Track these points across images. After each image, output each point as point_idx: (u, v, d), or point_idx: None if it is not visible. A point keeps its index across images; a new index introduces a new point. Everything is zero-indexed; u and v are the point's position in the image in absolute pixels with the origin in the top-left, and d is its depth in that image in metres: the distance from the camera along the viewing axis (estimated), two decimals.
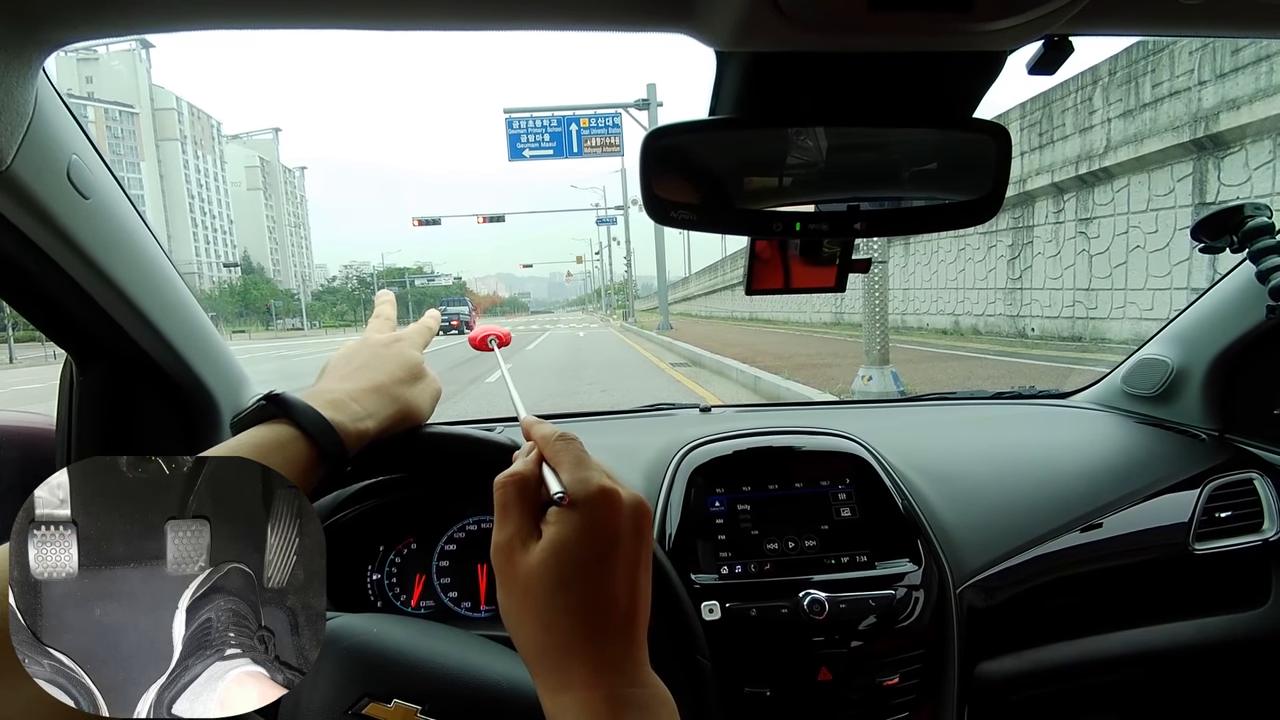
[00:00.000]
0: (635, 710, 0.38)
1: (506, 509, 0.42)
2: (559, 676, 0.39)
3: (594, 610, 0.39)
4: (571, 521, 0.40)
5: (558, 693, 0.39)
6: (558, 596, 0.39)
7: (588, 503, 0.40)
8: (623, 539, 0.41)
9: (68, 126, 0.59)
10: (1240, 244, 0.95)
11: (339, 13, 0.45)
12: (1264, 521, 0.99)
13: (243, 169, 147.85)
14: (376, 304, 0.71)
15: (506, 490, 0.42)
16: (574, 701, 0.38)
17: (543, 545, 0.40)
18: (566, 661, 0.39)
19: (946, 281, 14.20)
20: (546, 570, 0.39)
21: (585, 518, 0.40)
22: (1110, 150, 9.56)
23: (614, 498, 0.41)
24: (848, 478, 0.90)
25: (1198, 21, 0.52)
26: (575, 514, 0.40)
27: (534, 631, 0.40)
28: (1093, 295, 10.17)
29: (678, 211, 0.53)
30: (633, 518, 0.42)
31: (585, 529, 0.40)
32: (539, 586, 0.39)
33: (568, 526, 0.40)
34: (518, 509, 0.42)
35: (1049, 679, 0.92)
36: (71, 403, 0.81)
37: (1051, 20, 0.42)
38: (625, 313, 35.49)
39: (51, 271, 0.63)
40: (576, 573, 0.39)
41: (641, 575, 0.42)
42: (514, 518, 0.41)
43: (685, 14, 0.44)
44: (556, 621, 0.39)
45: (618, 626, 0.40)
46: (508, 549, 0.41)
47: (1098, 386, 1.31)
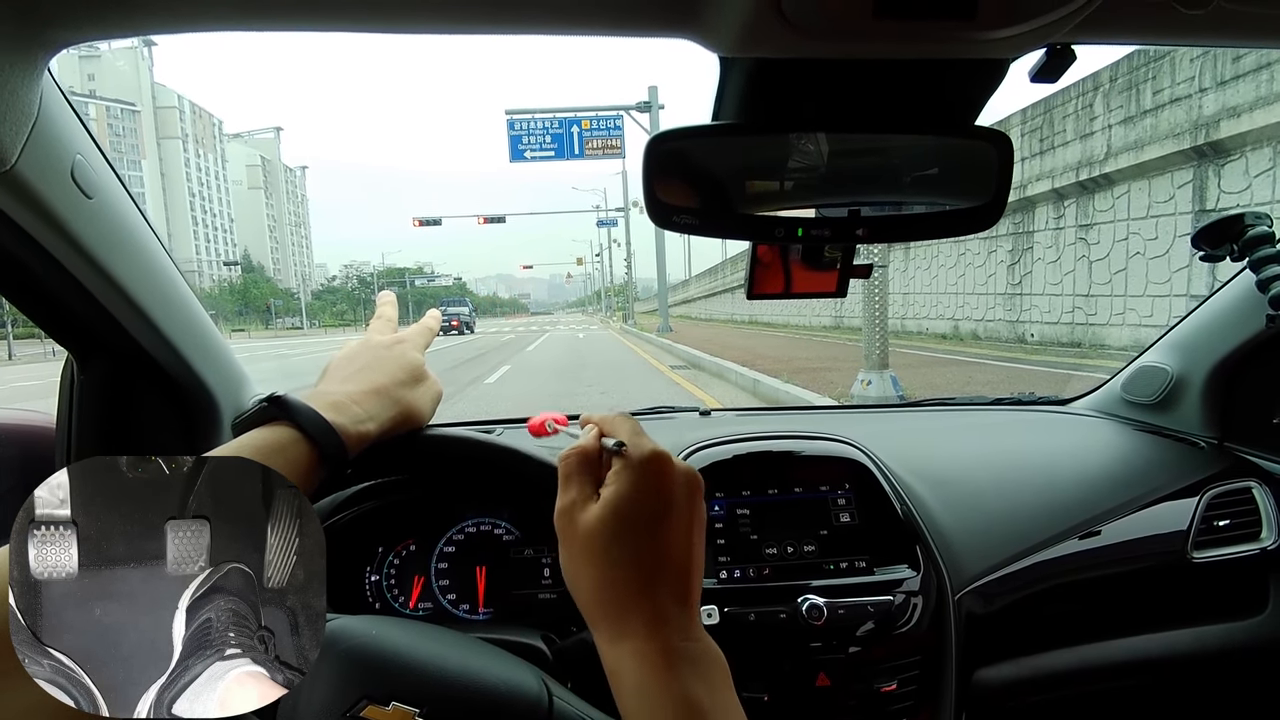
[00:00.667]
0: (688, 662, 0.40)
1: (569, 478, 0.45)
2: (617, 627, 0.42)
3: (649, 564, 0.42)
4: (629, 479, 0.43)
5: (615, 642, 0.41)
6: (614, 549, 0.42)
7: (643, 463, 0.44)
8: (676, 499, 0.44)
9: (72, 126, 0.59)
10: (1240, 253, 0.96)
11: (342, 16, 0.46)
12: (1262, 530, 0.99)
13: (244, 168, 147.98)
14: (378, 305, 0.71)
15: (570, 461, 0.46)
16: (632, 652, 0.41)
17: (601, 504, 0.43)
18: (624, 613, 0.42)
19: (946, 286, 14.21)
20: (605, 526, 0.42)
21: (640, 476, 0.43)
22: (1111, 156, 9.57)
23: (668, 460, 0.45)
24: (847, 483, 0.90)
25: (1199, 31, 0.52)
26: (632, 473, 0.43)
27: (593, 584, 0.42)
28: (1092, 301, 10.18)
29: (680, 216, 0.53)
30: (686, 484, 0.45)
31: (641, 487, 0.43)
32: (598, 541, 0.42)
33: (625, 484, 0.43)
34: (579, 477, 0.45)
35: (1047, 686, 0.92)
36: (72, 401, 0.81)
37: (1054, 29, 0.42)
38: (625, 315, 35.50)
39: (54, 270, 0.63)
40: (632, 528, 0.42)
41: (696, 537, 0.45)
42: (575, 484, 0.45)
43: (689, 19, 0.44)
44: (614, 575, 0.42)
45: (672, 581, 0.43)
46: (569, 511, 0.44)
47: (1097, 393, 1.31)
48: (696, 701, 0.39)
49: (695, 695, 0.39)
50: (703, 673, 0.41)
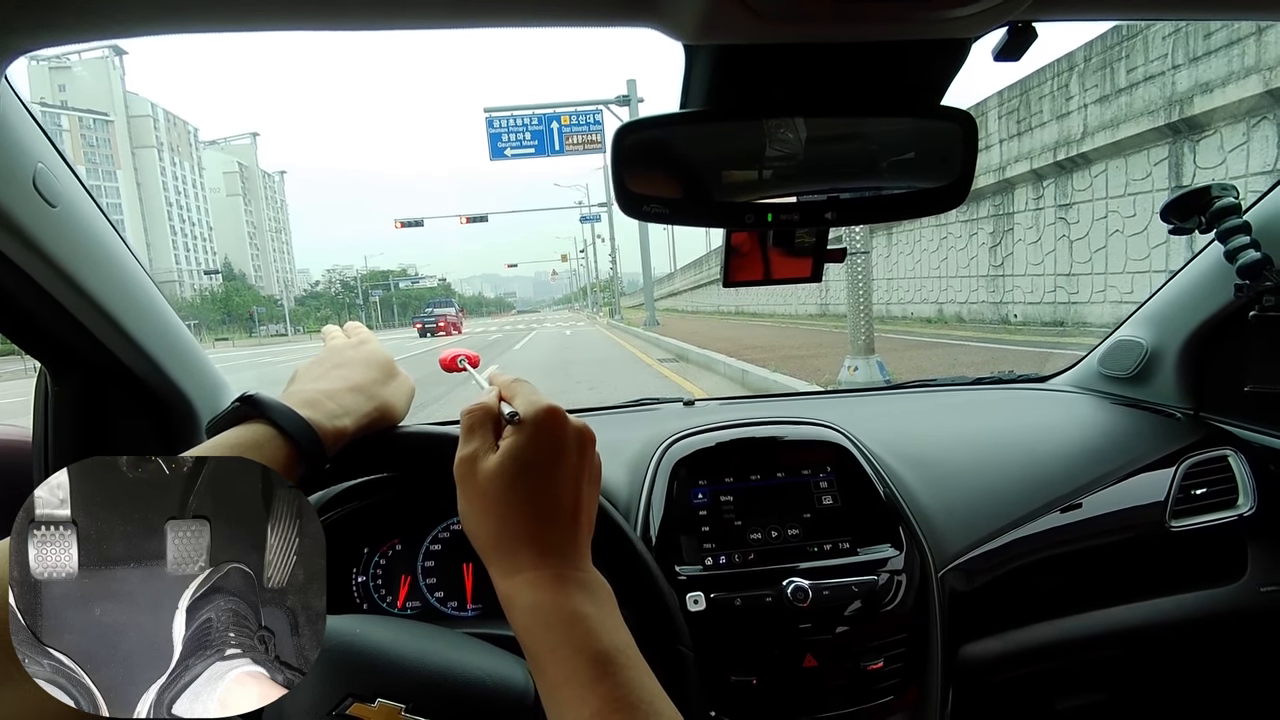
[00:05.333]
0: (577, 586, 0.45)
1: (471, 430, 0.49)
2: (512, 561, 0.45)
3: (542, 505, 0.46)
4: (524, 432, 0.47)
5: (510, 575, 0.45)
6: (510, 493, 0.46)
7: (536, 418, 0.48)
8: (567, 449, 0.48)
9: (32, 134, 0.59)
10: (1208, 224, 0.97)
11: (306, 14, 0.45)
12: (1238, 497, 1.00)
13: (221, 175, 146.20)
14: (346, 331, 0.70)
15: (472, 415, 0.50)
16: (525, 582, 0.45)
17: (499, 454, 0.47)
18: (518, 549, 0.45)
19: (929, 270, 14.30)
20: (502, 471, 0.46)
21: (534, 429, 0.47)
22: (1087, 136, 9.65)
23: (559, 414, 0.49)
24: (829, 466, 0.91)
25: (1159, 5, 0.53)
26: (527, 426, 0.47)
27: (490, 526, 0.46)
28: (1073, 280, 10.28)
29: (650, 205, 0.53)
30: (577, 437, 0.49)
31: (535, 438, 0.47)
32: (495, 486, 0.46)
33: (521, 436, 0.47)
34: (481, 430, 0.49)
35: (1032, 659, 0.93)
36: (47, 414, 0.80)
37: (1012, 7, 0.43)
38: (611, 310, 35.45)
39: (21, 281, 0.62)
40: (527, 473, 0.46)
41: (585, 485, 0.49)
42: (478, 437, 0.49)
43: (651, 8, 0.44)
44: (510, 514, 0.46)
45: (564, 521, 0.47)
46: (470, 460, 0.47)
47: (1075, 369, 1.33)
48: (584, 614, 0.43)
49: (583, 610, 0.44)
50: (590, 594, 0.45)
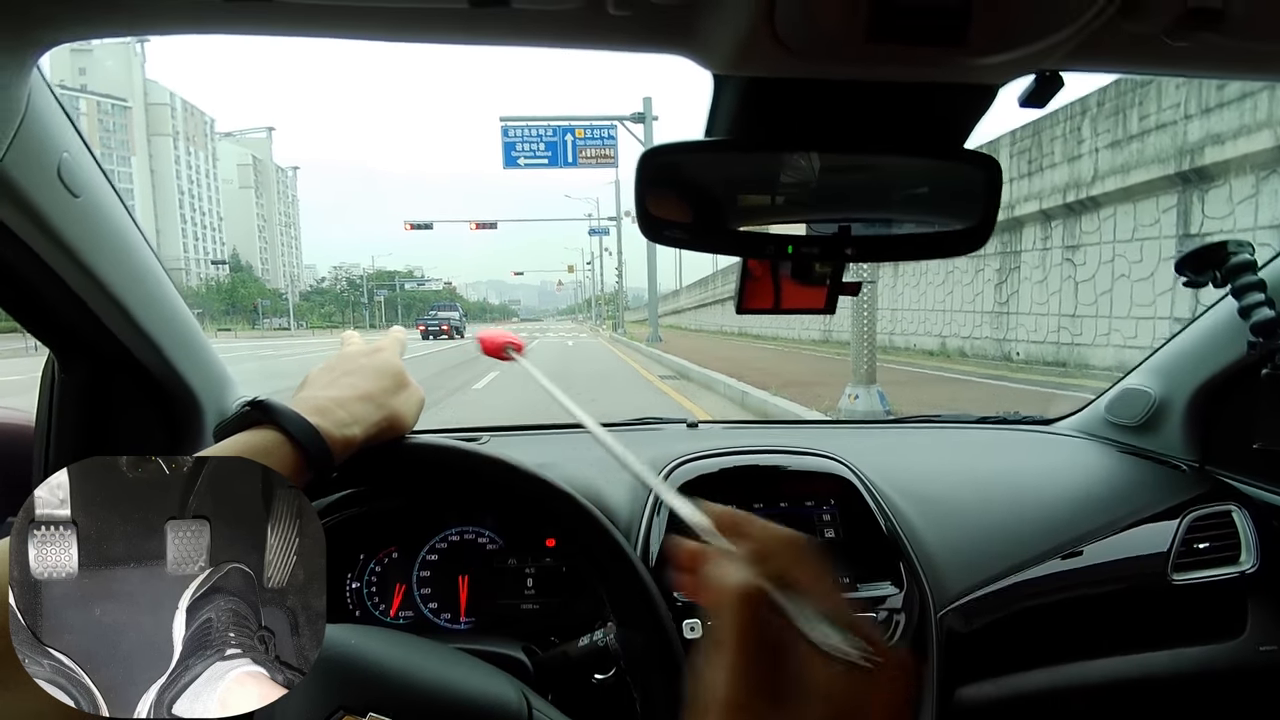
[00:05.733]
0: None
1: (744, 645, 0.29)
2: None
3: None
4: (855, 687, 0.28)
5: None
6: None
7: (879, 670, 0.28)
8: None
9: (60, 124, 0.59)
10: (1223, 279, 0.97)
11: (338, 23, 0.45)
12: (1241, 553, 0.99)
13: (235, 167, 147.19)
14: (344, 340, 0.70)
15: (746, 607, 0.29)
16: None
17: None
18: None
19: (934, 303, 14.32)
20: None
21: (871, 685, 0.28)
22: (1098, 180, 9.70)
23: (907, 661, 0.31)
24: (832, 499, 0.90)
25: (1184, 62, 0.53)
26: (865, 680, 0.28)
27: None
28: (1078, 321, 10.29)
29: (671, 230, 0.53)
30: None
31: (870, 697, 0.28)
32: None
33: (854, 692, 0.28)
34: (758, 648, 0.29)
35: (1027, 706, 0.92)
36: (52, 400, 0.80)
37: (1043, 57, 0.43)
38: (615, 324, 35.51)
39: (39, 269, 0.62)
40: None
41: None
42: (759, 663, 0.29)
43: (684, 37, 0.45)
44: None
45: None
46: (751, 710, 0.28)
47: (1081, 414, 1.32)
48: None
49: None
50: None
